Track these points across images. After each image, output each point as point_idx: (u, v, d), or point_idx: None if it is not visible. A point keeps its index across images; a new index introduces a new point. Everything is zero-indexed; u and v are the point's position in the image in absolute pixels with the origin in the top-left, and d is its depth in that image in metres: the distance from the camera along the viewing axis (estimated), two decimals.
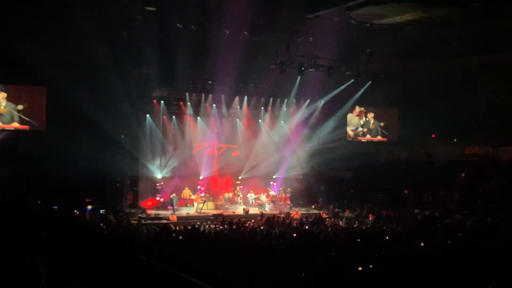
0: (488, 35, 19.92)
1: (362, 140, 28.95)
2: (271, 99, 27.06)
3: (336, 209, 25.03)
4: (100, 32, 18.09)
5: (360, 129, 28.63)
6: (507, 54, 21.97)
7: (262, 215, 22.26)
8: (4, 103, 21.60)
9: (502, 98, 24.54)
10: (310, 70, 23.01)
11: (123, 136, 22.94)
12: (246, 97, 26.53)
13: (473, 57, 22.85)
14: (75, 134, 20.15)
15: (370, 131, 28.94)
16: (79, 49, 18.69)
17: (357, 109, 28.38)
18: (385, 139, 29.26)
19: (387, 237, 14.20)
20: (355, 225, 18.84)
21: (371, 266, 9.19)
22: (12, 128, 21.74)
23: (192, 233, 15.35)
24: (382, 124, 29.15)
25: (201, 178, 26.11)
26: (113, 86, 20.09)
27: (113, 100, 20.74)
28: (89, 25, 17.44)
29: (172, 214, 22.25)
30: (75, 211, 19.44)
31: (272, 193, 26.48)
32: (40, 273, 3.21)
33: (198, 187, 25.75)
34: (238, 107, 26.72)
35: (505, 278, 8.41)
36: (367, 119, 28.83)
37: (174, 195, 23.82)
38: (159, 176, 24.80)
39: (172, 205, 23.54)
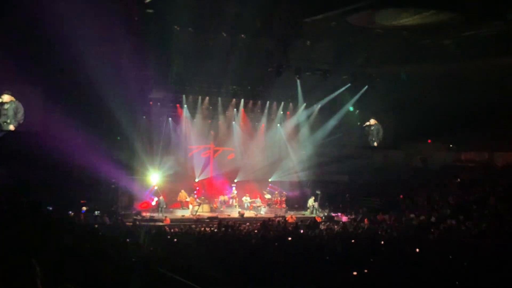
0: (483, 40, 19.99)
1: (358, 144, 29.01)
2: (268, 102, 27.07)
3: (331, 213, 25.01)
4: (97, 33, 18.04)
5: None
6: (504, 59, 22.04)
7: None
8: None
9: (498, 104, 24.60)
10: (307, 73, 23.09)
11: (118, 138, 22.89)
12: (242, 100, 26.54)
13: (469, 62, 22.91)
14: (70, 135, 20.05)
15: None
16: (76, 51, 18.60)
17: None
18: (381, 144, 29.34)
19: (382, 242, 14.18)
20: (350, 229, 18.81)
21: (366, 270, 9.17)
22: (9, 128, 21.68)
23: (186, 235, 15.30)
24: (378, 128, 29.25)
25: (196, 180, 26.06)
26: (110, 88, 20.02)
27: (109, 101, 20.68)
28: (86, 27, 17.41)
29: (166, 216, 22.17)
30: (70, 212, 19.37)
31: (267, 196, 26.43)
32: (36, 274, 3.21)
33: (194, 191, 25.70)
34: (235, 109, 26.73)
35: (501, 283, 8.42)
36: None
37: (161, 197, 23.51)
38: (154, 178, 24.69)
39: (160, 209, 23.27)
